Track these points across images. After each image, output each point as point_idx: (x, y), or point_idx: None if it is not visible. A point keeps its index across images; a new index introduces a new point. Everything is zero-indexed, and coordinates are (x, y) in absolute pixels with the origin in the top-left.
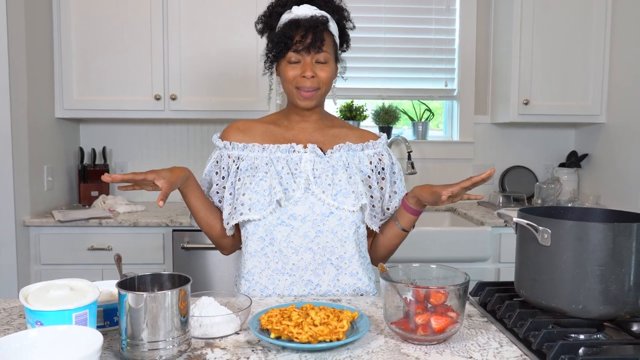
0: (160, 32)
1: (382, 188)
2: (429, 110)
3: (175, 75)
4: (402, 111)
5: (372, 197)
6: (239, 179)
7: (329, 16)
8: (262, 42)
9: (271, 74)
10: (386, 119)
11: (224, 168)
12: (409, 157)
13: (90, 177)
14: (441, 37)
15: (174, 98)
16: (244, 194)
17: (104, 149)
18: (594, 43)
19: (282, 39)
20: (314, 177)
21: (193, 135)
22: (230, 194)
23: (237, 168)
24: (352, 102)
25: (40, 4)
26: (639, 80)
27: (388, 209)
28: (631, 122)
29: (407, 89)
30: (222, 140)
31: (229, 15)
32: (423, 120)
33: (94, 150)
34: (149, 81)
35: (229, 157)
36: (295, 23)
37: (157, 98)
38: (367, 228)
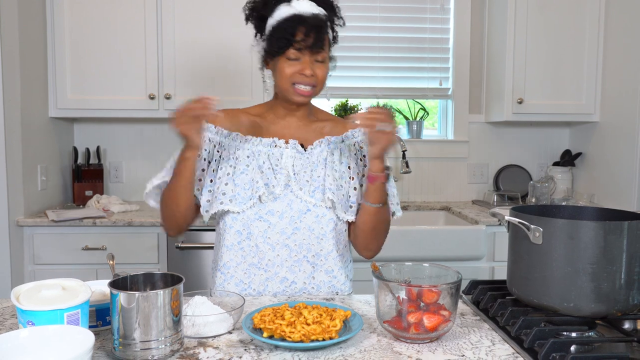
0: (154, 31)
1: (364, 175)
2: (424, 109)
3: (169, 74)
4: (396, 110)
5: (355, 189)
6: (221, 168)
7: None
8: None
9: (261, 68)
10: None
11: (205, 150)
12: (404, 156)
13: (84, 177)
14: (436, 37)
15: (168, 97)
16: (226, 184)
17: (98, 148)
18: (588, 42)
19: (284, 35)
20: (294, 174)
21: None
22: (211, 180)
23: (220, 156)
24: (346, 101)
25: (34, 2)
26: (632, 79)
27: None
28: (624, 121)
29: (402, 87)
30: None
31: (224, 14)
32: (418, 119)
33: (88, 149)
34: (143, 80)
35: (209, 140)
36: (298, 19)
37: (152, 97)
38: (348, 222)
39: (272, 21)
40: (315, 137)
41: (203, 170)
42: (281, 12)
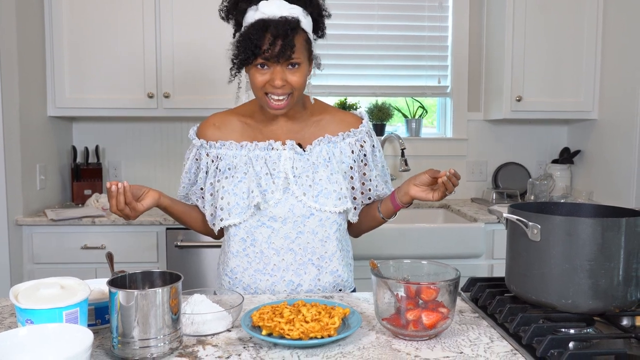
0: (152, 30)
1: (364, 174)
2: (423, 107)
3: (168, 73)
4: (395, 108)
5: (353, 188)
6: (218, 180)
7: (300, 14)
8: None
9: (239, 72)
10: (380, 116)
11: (202, 168)
12: (403, 154)
13: (83, 176)
14: (434, 34)
15: (167, 96)
16: (222, 198)
17: (97, 147)
18: (586, 39)
19: (248, 45)
20: (294, 177)
21: (186, 133)
22: (211, 194)
23: (217, 168)
24: (345, 99)
25: (32, 2)
26: (631, 77)
27: (370, 189)
28: (623, 118)
29: (401, 86)
30: (199, 139)
31: None
32: (416, 117)
33: (86, 148)
34: (141, 79)
35: (207, 155)
36: (262, 26)
37: (150, 96)
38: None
39: (243, 27)
40: (313, 134)
41: (201, 188)
42: (248, 17)
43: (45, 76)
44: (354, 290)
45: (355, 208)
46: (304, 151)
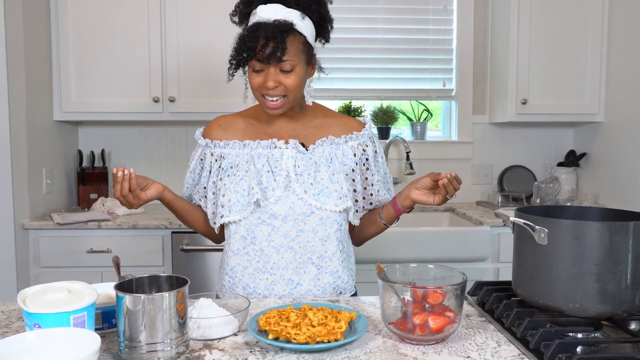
0: (157, 34)
1: (366, 178)
2: (427, 110)
3: (173, 77)
4: (400, 111)
5: (355, 190)
6: (220, 179)
7: (296, 17)
8: None
9: (244, 73)
10: (384, 119)
11: (206, 168)
12: (408, 158)
13: (89, 180)
14: (439, 37)
15: (172, 100)
16: (223, 195)
17: (102, 151)
18: (591, 42)
19: (242, 47)
20: (296, 175)
21: (192, 137)
22: (213, 193)
23: (219, 167)
24: (350, 102)
25: (38, 7)
26: (637, 79)
27: (372, 194)
28: (629, 121)
29: (406, 89)
30: (205, 138)
31: (227, 17)
32: (421, 120)
33: (92, 152)
34: (147, 83)
35: (211, 155)
36: (256, 29)
37: (156, 100)
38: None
39: None
40: (316, 135)
41: (204, 187)
42: (249, 22)
43: (52, 80)
44: (354, 294)
45: (357, 211)
46: (307, 150)
